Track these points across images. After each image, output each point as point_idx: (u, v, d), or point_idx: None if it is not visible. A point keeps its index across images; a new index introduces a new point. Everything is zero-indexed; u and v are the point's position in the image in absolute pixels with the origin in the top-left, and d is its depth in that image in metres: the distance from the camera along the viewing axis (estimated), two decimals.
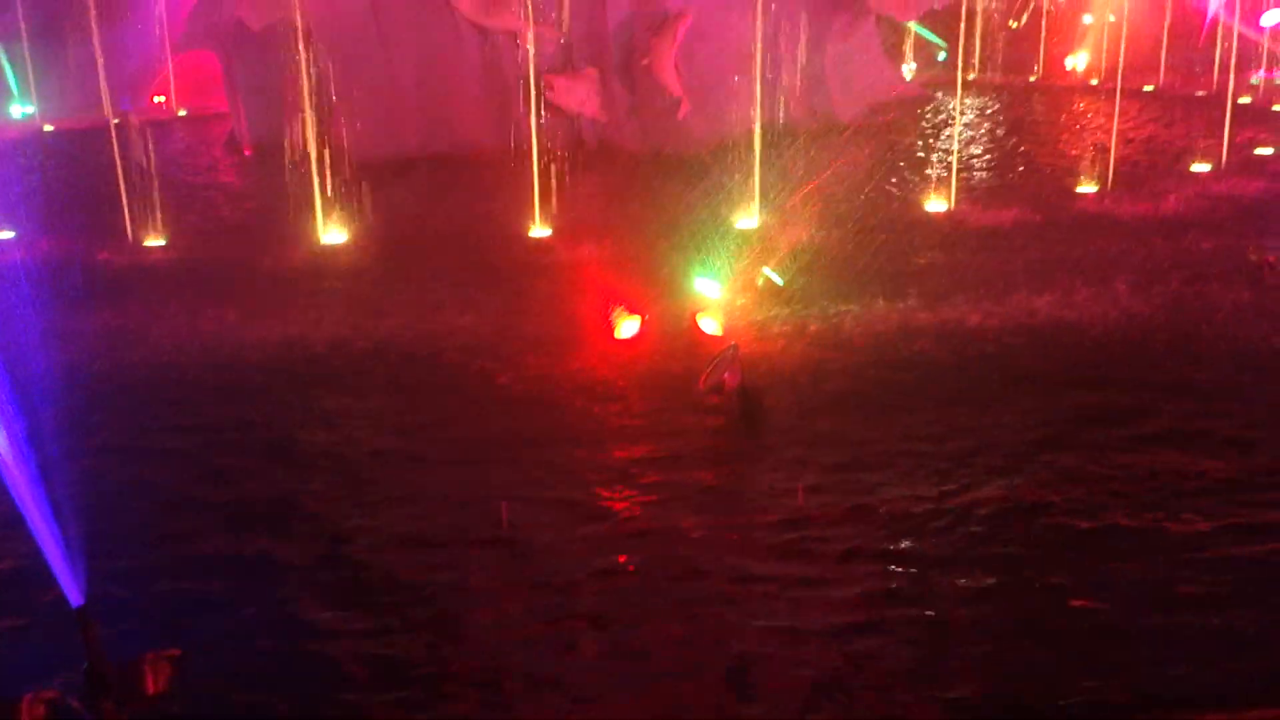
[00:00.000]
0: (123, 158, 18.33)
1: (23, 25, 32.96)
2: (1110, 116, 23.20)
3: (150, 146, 19.34)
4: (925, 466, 9.47)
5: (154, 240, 18.14)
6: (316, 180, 18.04)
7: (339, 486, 9.38)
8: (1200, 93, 32.43)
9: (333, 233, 18.08)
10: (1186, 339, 12.78)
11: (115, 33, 20.90)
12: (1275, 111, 30.85)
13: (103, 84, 19.10)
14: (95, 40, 18.70)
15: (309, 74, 18.62)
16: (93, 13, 18.53)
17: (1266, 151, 24.99)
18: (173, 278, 16.26)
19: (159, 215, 18.39)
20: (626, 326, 12.80)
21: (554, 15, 24.44)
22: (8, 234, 18.50)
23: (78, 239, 17.97)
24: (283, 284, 15.57)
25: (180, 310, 14.29)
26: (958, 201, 19.79)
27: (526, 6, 19.85)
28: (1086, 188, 21.30)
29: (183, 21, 30.03)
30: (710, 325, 12.74)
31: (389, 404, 11.33)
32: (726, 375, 10.64)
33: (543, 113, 20.12)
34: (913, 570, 7.89)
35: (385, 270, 16.37)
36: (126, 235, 18.12)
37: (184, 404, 11.29)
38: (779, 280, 14.50)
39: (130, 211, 18.25)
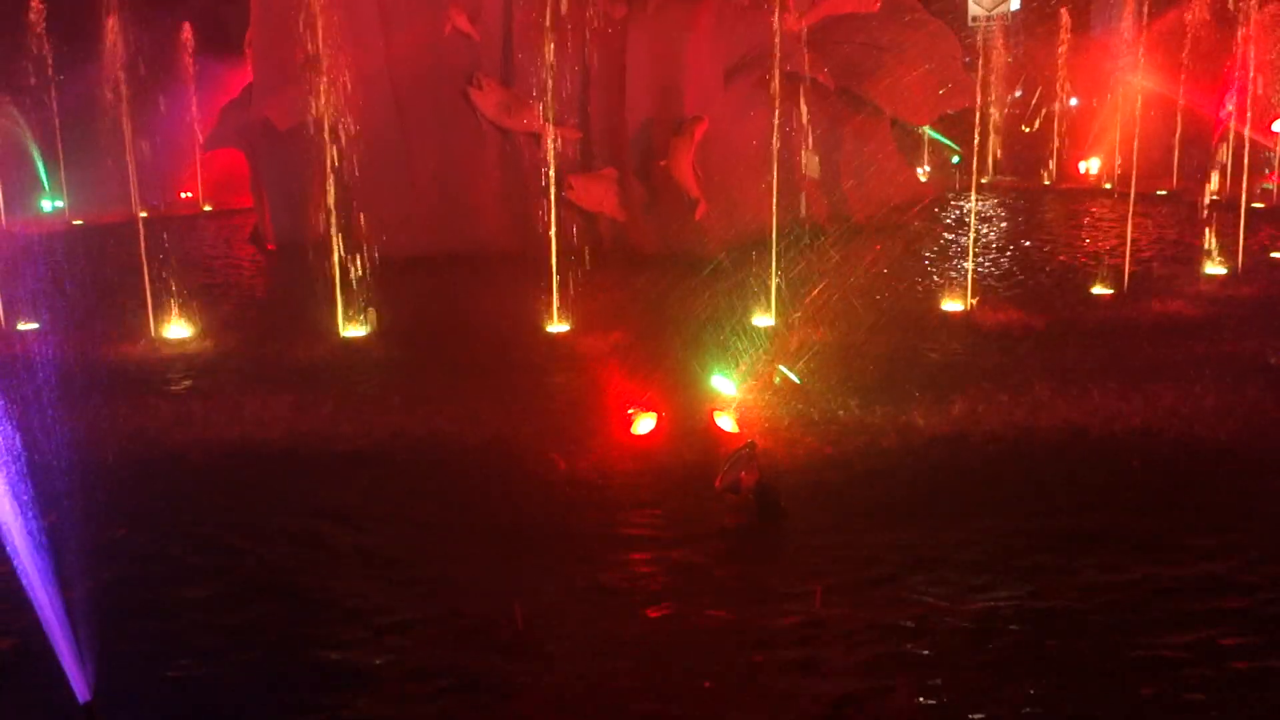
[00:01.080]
0: (148, 252, 18.62)
1: (57, 122, 33.86)
2: (1125, 220, 23.36)
3: (176, 241, 19.65)
4: (943, 572, 9.29)
5: (176, 333, 18.32)
6: (338, 275, 18.26)
7: (360, 575, 9.29)
8: (1213, 197, 32.71)
9: (353, 327, 18.24)
10: (1205, 445, 12.62)
11: (146, 130, 21.39)
12: None
13: (132, 180, 19.50)
14: (126, 137, 19.12)
15: (333, 171, 18.98)
16: (125, 111, 18.98)
17: None
18: (194, 370, 16.39)
19: (182, 308, 18.62)
20: (643, 423, 12.76)
21: (574, 117, 24.98)
22: (32, 325, 18.74)
23: (100, 331, 18.18)
24: (302, 376, 15.64)
25: (197, 401, 14.36)
26: (974, 303, 19.83)
27: (547, 108, 20.27)
28: (1103, 290, 21.35)
29: (213, 121, 30.81)
30: (727, 423, 12.69)
31: (405, 494, 11.27)
32: (743, 474, 10.55)
33: (562, 211, 20.42)
34: (936, 681, 7.68)
35: (405, 363, 16.49)
36: (149, 328, 18.32)
37: (194, 494, 11.24)
38: (796, 379, 14.49)
39: (153, 305, 18.47)
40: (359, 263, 18.61)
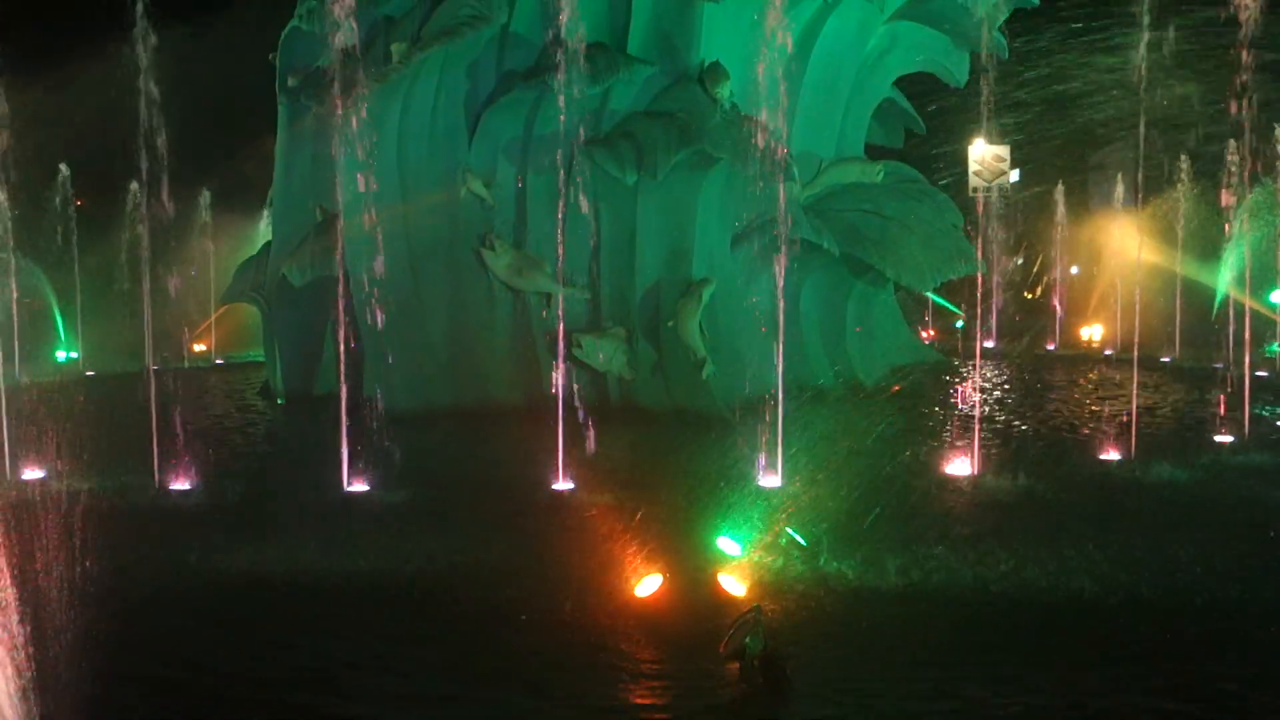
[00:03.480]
0: (157, 404, 18.74)
1: (77, 276, 34.62)
2: (1129, 386, 23.49)
3: (186, 393, 19.81)
4: None
5: (181, 484, 18.29)
6: (346, 430, 18.32)
7: None
8: (1217, 365, 32.96)
9: (360, 480, 18.21)
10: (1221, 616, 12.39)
11: (163, 283, 21.92)
12: None
13: (147, 331, 19.81)
14: (144, 290, 19.53)
15: (346, 327, 19.28)
16: (145, 265, 19.44)
17: None
18: (197, 519, 16.30)
19: (189, 460, 18.63)
20: (646, 584, 12.57)
21: (584, 278, 25.49)
22: (37, 474, 18.73)
23: (105, 481, 18.14)
24: (306, 528, 15.53)
25: (198, 550, 14.25)
26: (980, 467, 19.78)
27: (558, 269, 20.71)
28: (1110, 455, 21.30)
29: (229, 276, 31.50)
30: (733, 585, 12.50)
31: (400, 646, 11.05)
32: (749, 639, 10.34)
33: (571, 370, 20.62)
34: None
35: (409, 517, 16.35)
36: (153, 478, 18.30)
37: (194, 640, 11.05)
38: (802, 540, 14.35)
39: (160, 456, 18.50)
40: (368, 417, 18.71)
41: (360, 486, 18.12)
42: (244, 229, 38.58)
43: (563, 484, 18.34)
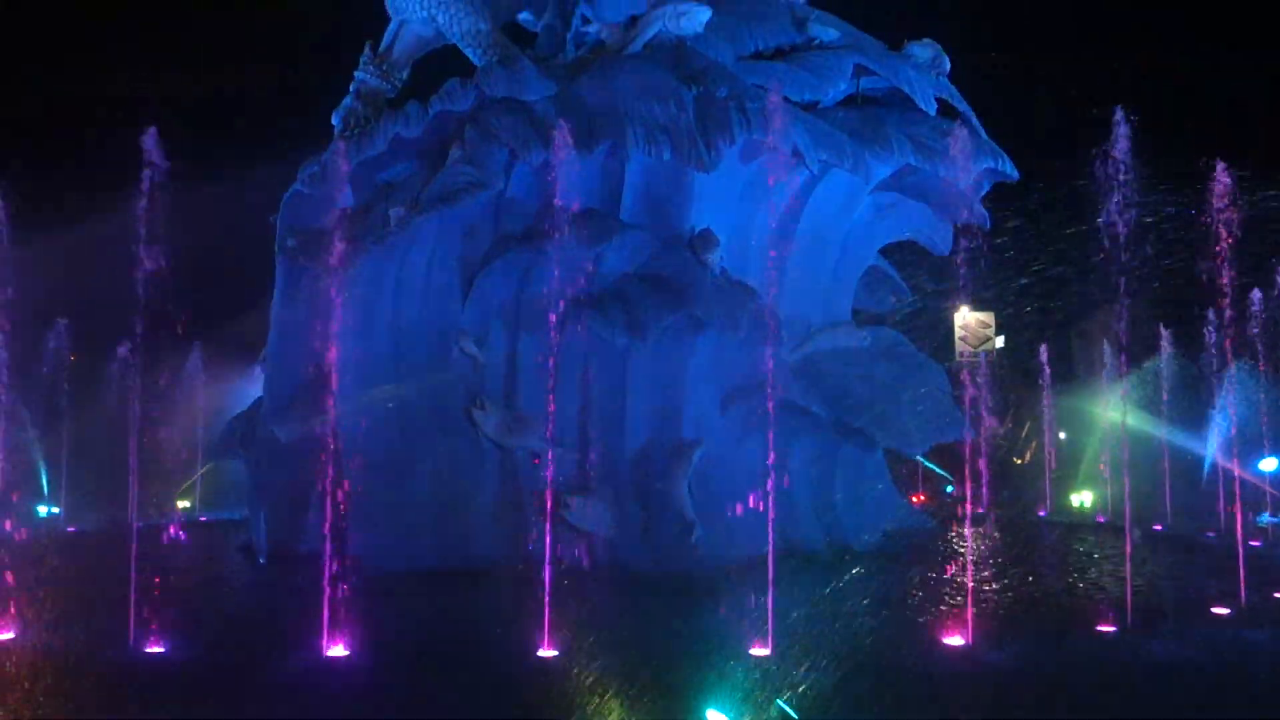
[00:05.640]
0: (136, 561, 18.41)
1: (66, 429, 34.51)
2: (1122, 554, 23.27)
3: (167, 550, 19.51)
4: None
5: (156, 647, 17.79)
6: (328, 590, 17.96)
7: None
8: (1209, 534, 32.75)
9: (339, 643, 17.73)
10: None
11: (150, 439, 21.86)
12: None
13: (131, 488, 19.61)
14: (131, 446, 19.41)
15: (332, 485, 19.12)
16: (134, 422, 19.39)
17: None
18: (170, 684, 15.82)
19: (166, 619, 18.17)
20: None
21: (573, 437, 25.47)
22: (7, 635, 18.24)
23: (77, 640, 17.67)
24: (282, 693, 15.09)
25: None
26: (974, 636, 19.38)
27: (548, 427, 20.73)
28: (1106, 627, 20.93)
29: (215, 432, 31.43)
30: None
31: None
32: None
33: (558, 530, 20.38)
34: None
35: (386, 685, 15.90)
36: (128, 638, 17.81)
37: None
38: (793, 713, 13.94)
39: (136, 614, 18.06)
40: (350, 577, 18.37)
41: (339, 650, 17.64)
42: (234, 385, 38.69)
43: (548, 651, 17.89)
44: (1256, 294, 32.44)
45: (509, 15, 31.29)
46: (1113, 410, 25.46)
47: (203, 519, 36.82)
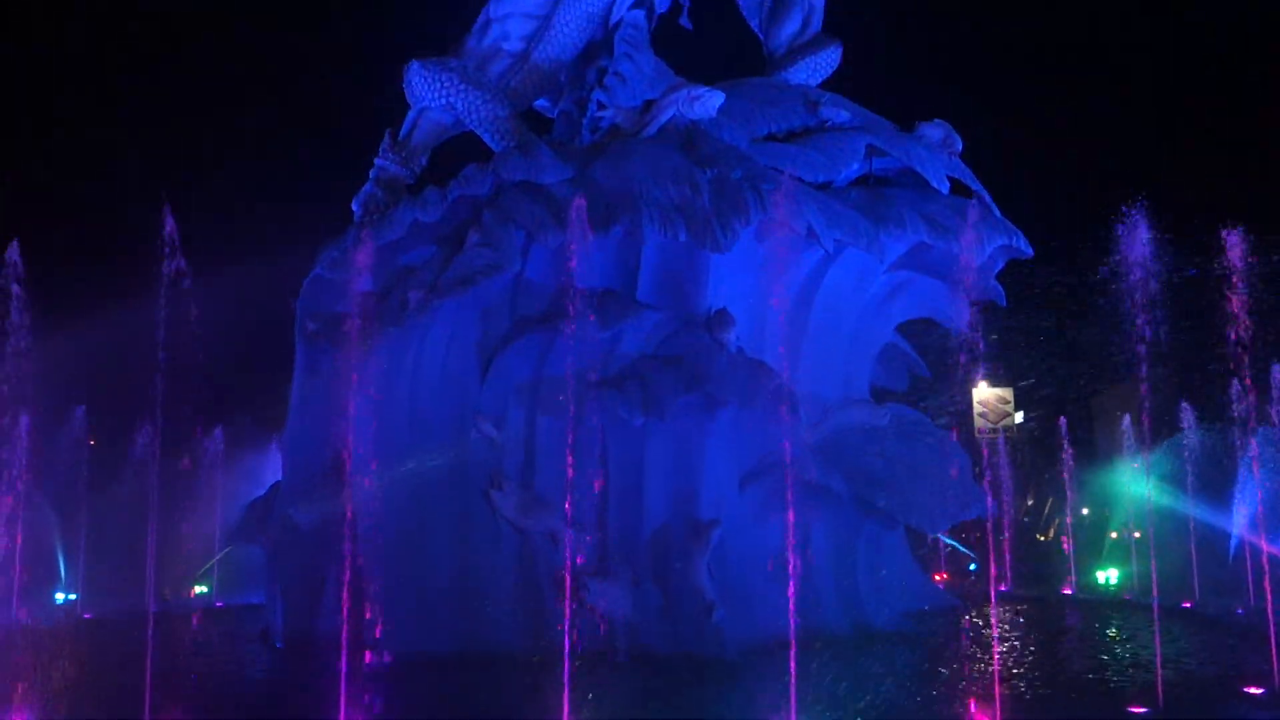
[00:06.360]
0: (151, 648, 18.27)
1: (84, 515, 34.51)
2: (1151, 633, 22.83)
3: (183, 637, 19.37)
4: None
5: None
6: (344, 677, 17.75)
7: None
8: (1239, 610, 32.12)
9: None
10: None
11: (167, 526, 21.87)
12: None
13: (148, 574, 19.56)
14: (150, 532, 19.42)
15: (349, 570, 19.00)
16: (153, 509, 19.41)
17: None
18: None
19: (183, 706, 17.98)
20: None
21: (591, 518, 25.30)
22: None
23: None
24: None
25: None
26: (1002, 718, 18.96)
27: (566, 509, 20.60)
28: (1139, 709, 20.46)
29: (233, 518, 31.38)
30: None
31: None
32: None
33: (577, 614, 20.15)
34: None
35: None
36: None
37: None
38: None
39: (152, 701, 17.86)
40: (367, 663, 18.19)
41: None
42: (253, 470, 38.70)
43: None
44: (1277, 368, 32.24)
45: (526, 102, 31.90)
46: (1136, 484, 25.15)
47: (219, 604, 36.58)
